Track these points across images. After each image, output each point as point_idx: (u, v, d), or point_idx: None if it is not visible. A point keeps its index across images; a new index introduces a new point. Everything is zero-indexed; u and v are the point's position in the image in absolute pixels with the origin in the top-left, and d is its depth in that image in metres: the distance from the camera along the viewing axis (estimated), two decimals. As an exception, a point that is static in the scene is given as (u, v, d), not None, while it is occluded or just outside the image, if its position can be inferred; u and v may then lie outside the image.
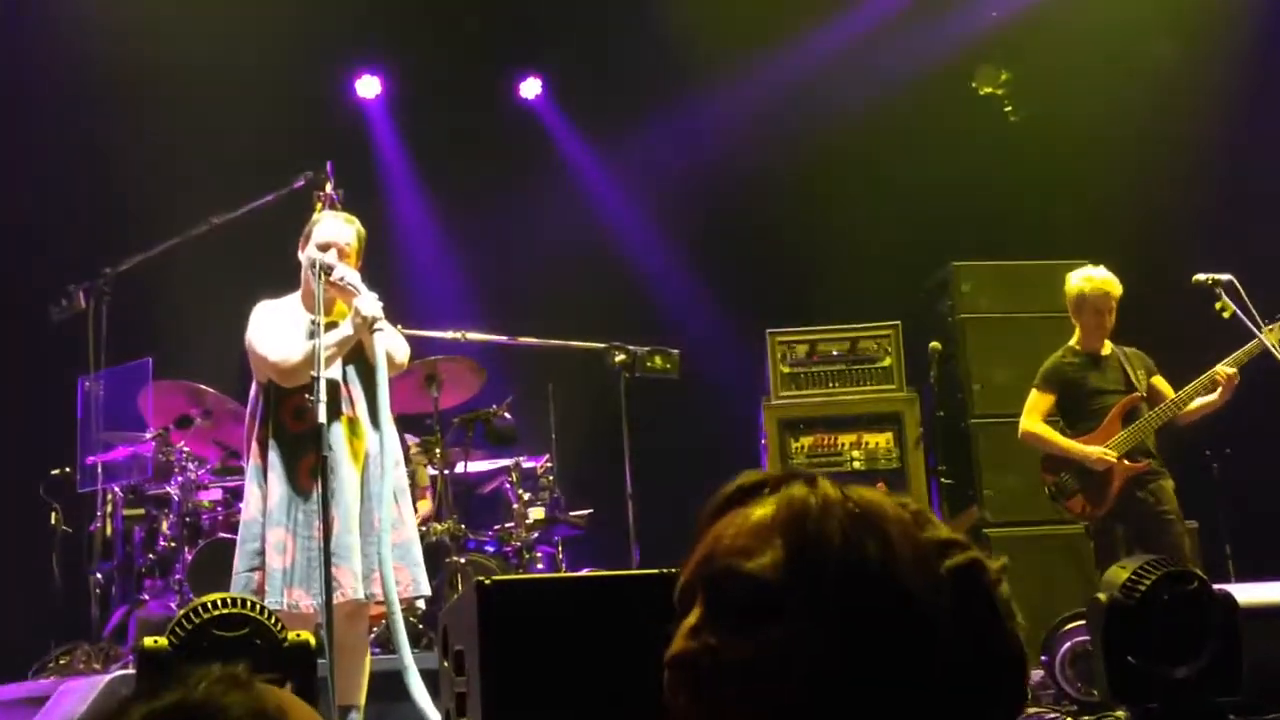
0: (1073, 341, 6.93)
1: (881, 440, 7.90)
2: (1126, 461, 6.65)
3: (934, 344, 7.70)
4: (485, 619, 3.50)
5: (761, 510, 1.36)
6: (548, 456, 8.47)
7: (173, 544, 7.54)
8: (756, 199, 10.18)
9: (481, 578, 3.58)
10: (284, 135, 9.13)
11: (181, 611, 4.08)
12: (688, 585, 1.39)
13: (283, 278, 5.69)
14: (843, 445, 7.94)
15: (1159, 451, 6.77)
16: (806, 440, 7.93)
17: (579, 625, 3.54)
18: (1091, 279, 6.85)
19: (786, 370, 8.03)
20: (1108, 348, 6.88)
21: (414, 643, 6.63)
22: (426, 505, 8.18)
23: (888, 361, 8.01)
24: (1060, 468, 6.79)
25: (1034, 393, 6.92)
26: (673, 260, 10.39)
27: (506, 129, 10.57)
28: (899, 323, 8.11)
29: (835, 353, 8.06)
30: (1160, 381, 6.86)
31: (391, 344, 5.34)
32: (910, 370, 7.99)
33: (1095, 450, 6.67)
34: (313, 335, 5.17)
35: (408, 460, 7.18)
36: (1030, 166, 9.87)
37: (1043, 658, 5.69)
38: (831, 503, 1.35)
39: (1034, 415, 6.87)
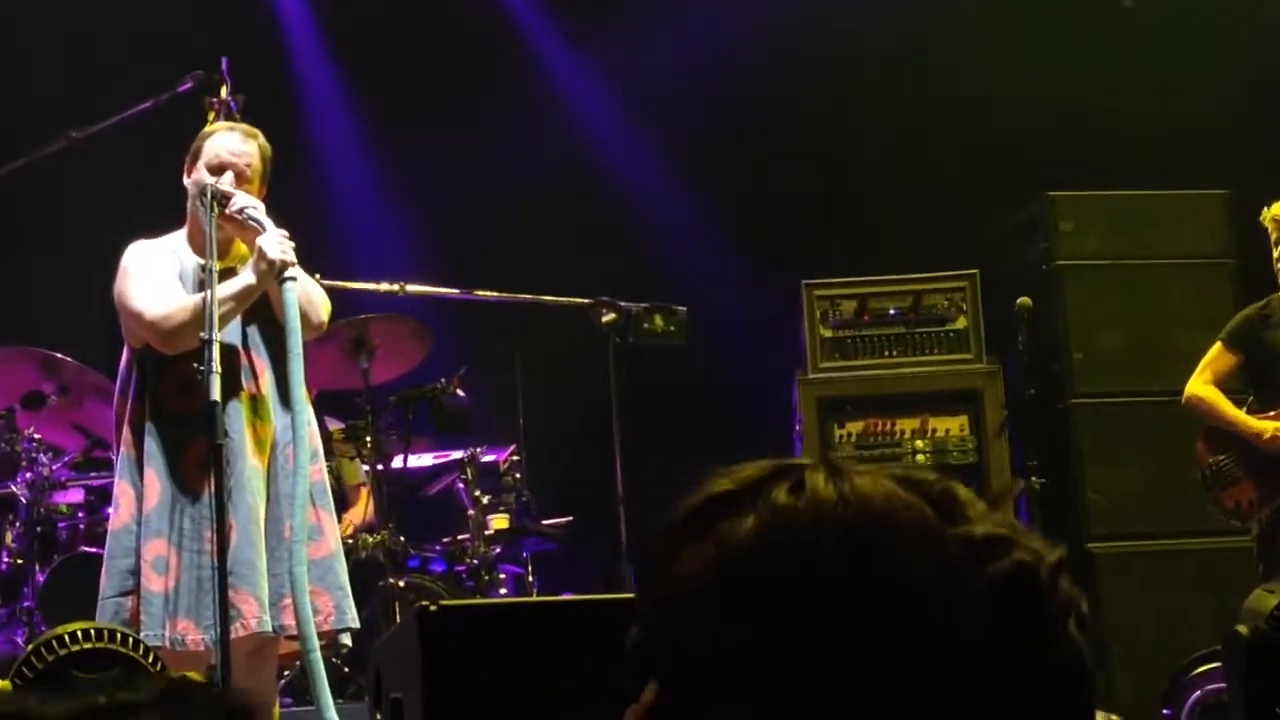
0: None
1: (953, 426, 7.89)
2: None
3: (1022, 300, 7.67)
4: (430, 657, 3.49)
5: (737, 531, 1.32)
6: (514, 448, 8.46)
7: (19, 561, 7.52)
8: (786, 113, 10.14)
9: (426, 603, 3.56)
10: (164, 22, 9.09)
11: (31, 647, 4.08)
12: (641, 646, 1.34)
13: (163, 210, 5.66)
14: (902, 433, 7.93)
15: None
16: (855, 426, 7.91)
17: (552, 664, 3.53)
18: None
19: (828, 334, 8.01)
20: None
21: (337, 690, 6.61)
22: (355, 511, 8.16)
23: (961, 323, 7.99)
24: (1225, 446, 6.81)
25: (1215, 347, 6.96)
26: (678, 192, 10.36)
27: (461, 19, 10.52)
28: (976, 272, 8.09)
29: (893, 311, 8.04)
30: None
31: (307, 298, 5.32)
32: (991, 334, 7.98)
33: (1271, 425, 6.69)
34: (203, 286, 5.15)
35: (329, 452, 7.16)
36: (1146, 69, 9.82)
37: (1165, 710, 5.70)
38: (825, 510, 1.30)
39: (1205, 375, 6.90)
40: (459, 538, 8.10)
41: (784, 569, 1.28)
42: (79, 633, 4.02)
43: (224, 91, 6.33)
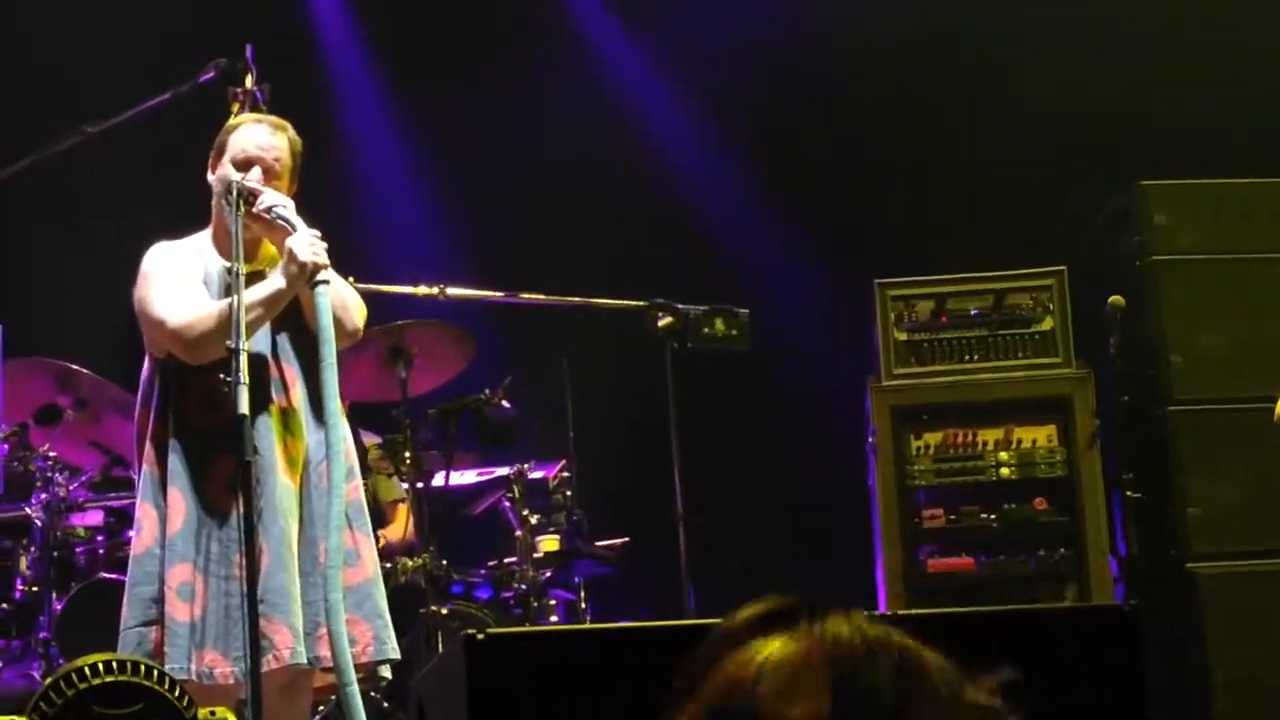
0: None
1: (1041, 436, 7.87)
2: None
3: (1114, 298, 7.65)
4: (476, 689, 3.50)
5: (792, 646, 1.52)
6: (564, 463, 8.46)
7: (34, 589, 7.56)
8: (857, 100, 10.11)
9: (471, 631, 3.57)
10: (183, 6, 9.14)
11: (48, 682, 4.11)
12: None
13: (185, 209, 5.69)
14: (985, 444, 7.91)
15: None
16: (933, 437, 7.90)
17: (607, 696, 3.53)
18: None
19: (904, 337, 8.00)
20: None
21: (376, 727, 6.63)
22: (393, 529, 8.18)
23: (1048, 324, 7.97)
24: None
25: None
26: (739, 186, 10.35)
27: (507, 1, 10.55)
28: (1063, 268, 8.06)
29: (974, 311, 8.02)
30: None
31: (341, 303, 5.34)
32: (1081, 336, 7.95)
33: None
34: (229, 291, 5.17)
35: (365, 469, 7.18)
36: (1245, 47, 9.76)
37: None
38: (878, 647, 1.51)
39: None
40: (505, 561, 8.11)
41: (843, 677, 1.49)
42: (99, 665, 4.05)
43: (249, 81, 6.35)
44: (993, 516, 7.86)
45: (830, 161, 10.01)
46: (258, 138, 5.49)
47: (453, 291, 7.43)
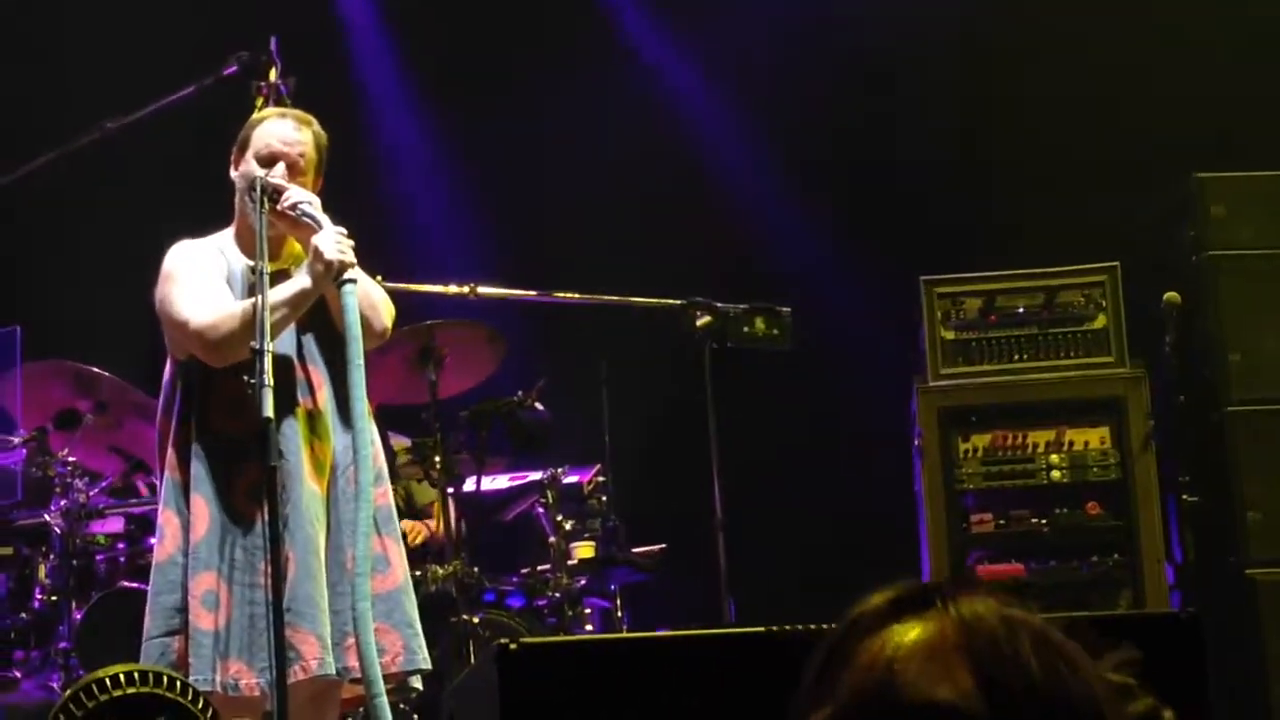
0: None
1: (1093, 439, 7.85)
2: None
3: (1170, 295, 7.62)
4: (509, 700, 3.49)
5: (928, 629, 1.53)
6: (599, 467, 8.47)
7: (54, 598, 7.58)
8: (902, 90, 10.11)
9: (504, 641, 3.57)
10: (207, 1, 9.16)
11: (68, 693, 4.11)
12: None
13: (208, 207, 5.70)
14: (1035, 447, 7.89)
15: None
16: (981, 440, 7.88)
17: (644, 707, 3.53)
18: None
19: (951, 336, 7.98)
20: None
21: (406, 740, 6.64)
22: (423, 538, 8.18)
23: (1101, 321, 7.95)
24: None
25: None
26: (779, 180, 10.35)
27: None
28: (1116, 264, 8.04)
29: (1023, 309, 8.00)
30: None
31: (369, 302, 5.34)
32: (1135, 335, 7.93)
33: None
34: (253, 290, 5.18)
35: (394, 474, 7.19)
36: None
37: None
38: (1017, 624, 1.52)
39: None
40: (539, 568, 8.11)
41: (986, 657, 1.49)
42: (121, 676, 4.05)
43: (273, 74, 6.37)
44: (1044, 521, 7.83)
45: (875, 156, 10.00)
46: (282, 132, 5.50)
47: (484, 290, 7.43)
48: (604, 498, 8.32)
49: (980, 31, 9.87)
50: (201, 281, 5.42)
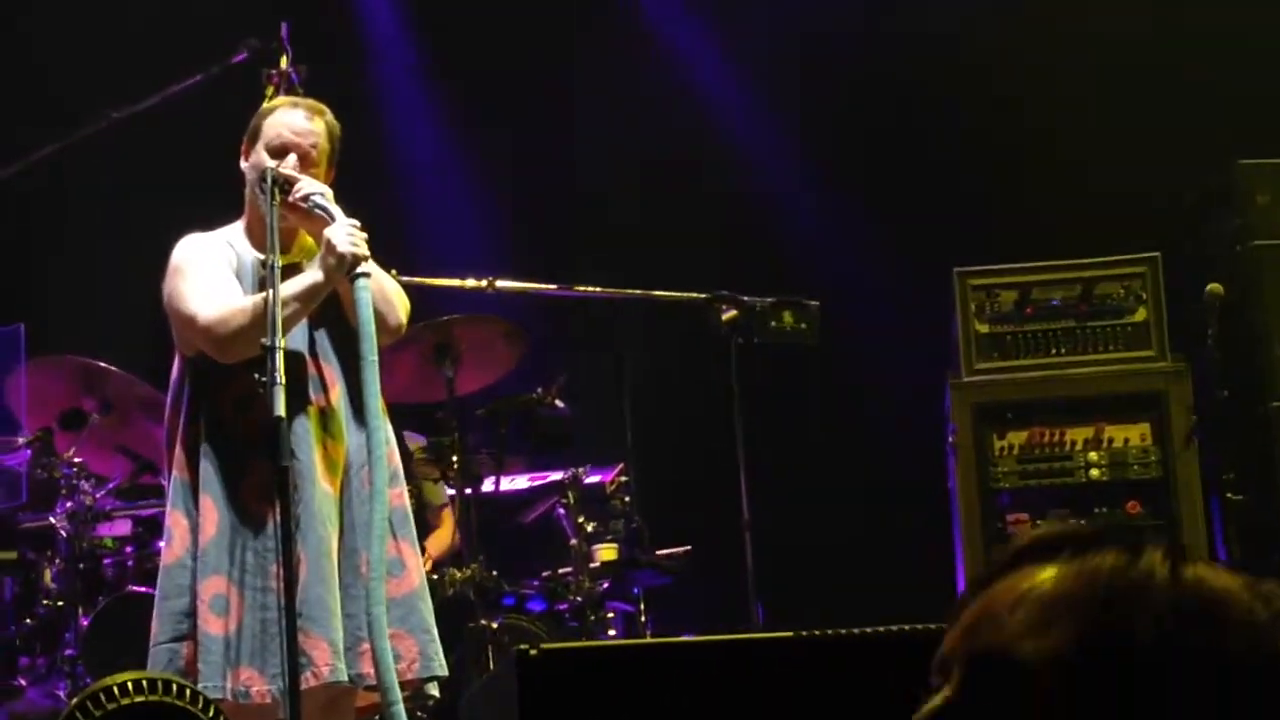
0: None
1: (1133, 435, 7.83)
2: None
3: (1212, 286, 7.61)
4: (530, 707, 3.49)
5: (1053, 576, 1.52)
6: (621, 467, 8.47)
7: (59, 603, 7.60)
8: (932, 75, 10.09)
9: (525, 646, 3.57)
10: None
11: (74, 702, 4.12)
12: (946, 657, 1.55)
13: (217, 198, 5.70)
14: (1073, 444, 7.88)
15: None
16: (1017, 437, 7.87)
17: (668, 714, 3.53)
18: None
19: (985, 329, 7.97)
20: None
21: (423, 749, 6.65)
22: (439, 537, 8.19)
23: (1141, 314, 7.93)
24: None
25: None
26: (810, 170, 10.34)
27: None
28: (1157, 255, 8.02)
29: (1060, 301, 7.99)
30: None
31: (383, 296, 5.34)
32: (1176, 328, 7.91)
33: None
34: (264, 284, 5.18)
35: (410, 474, 7.19)
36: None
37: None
38: (1152, 581, 1.48)
39: None
40: (560, 571, 8.11)
41: (1091, 613, 1.48)
42: (129, 684, 4.06)
43: (284, 62, 6.38)
44: (1082, 521, 7.81)
45: (905, 144, 9.99)
46: (293, 122, 5.50)
47: (502, 284, 7.43)
48: (627, 498, 8.31)
49: (1015, 18, 9.86)
50: (211, 276, 5.42)
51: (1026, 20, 9.86)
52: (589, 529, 8.10)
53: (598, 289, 7.68)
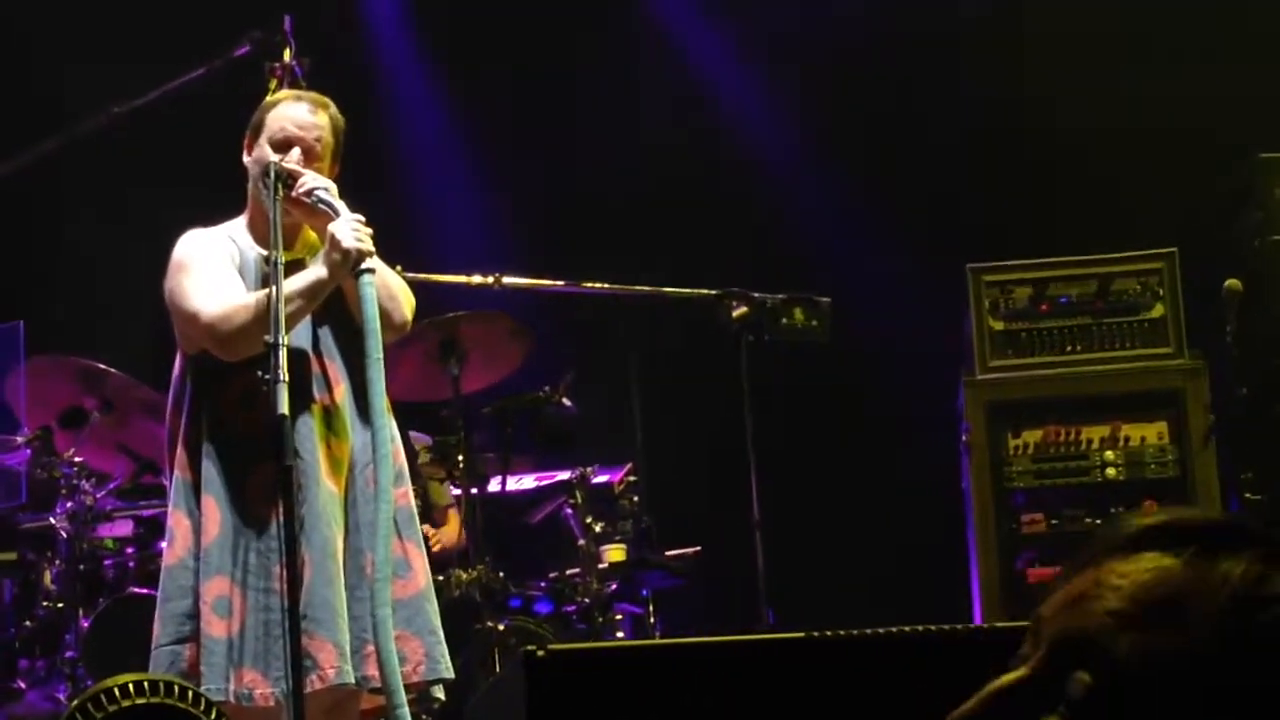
0: None
1: (1150, 434, 7.83)
2: None
3: (1231, 282, 7.61)
4: (537, 710, 3.49)
5: (1175, 570, 1.46)
6: (630, 466, 8.46)
7: (60, 605, 7.61)
8: (945, 67, 10.09)
9: (531, 648, 3.57)
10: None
11: (74, 703, 4.12)
12: (1037, 629, 1.52)
13: (219, 194, 5.71)
14: (1089, 443, 7.87)
15: None
16: (1032, 435, 7.87)
17: (679, 717, 3.53)
18: None
19: (999, 326, 7.97)
20: None
21: (429, 752, 6.65)
22: (446, 530, 8.19)
23: (1158, 310, 7.93)
24: None
25: None
26: (820, 165, 10.34)
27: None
28: (1174, 250, 8.02)
29: (1076, 297, 7.98)
30: None
31: (388, 293, 5.34)
32: (1193, 324, 7.91)
33: None
34: (267, 281, 5.18)
35: (415, 473, 7.19)
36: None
37: None
38: (1244, 599, 1.43)
39: None
40: (567, 573, 8.11)
41: (1170, 612, 1.44)
42: (130, 686, 4.06)
43: (287, 55, 6.38)
44: (1098, 521, 7.80)
45: (916, 138, 9.99)
46: (297, 116, 5.49)
47: (509, 280, 7.44)
48: (635, 498, 8.31)
49: (1029, 10, 9.86)
50: (213, 272, 5.41)
51: (1040, 11, 9.86)
52: (597, 529, 8.10)
53: (606, 285, 7.68)
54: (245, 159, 5.50)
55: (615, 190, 9.97)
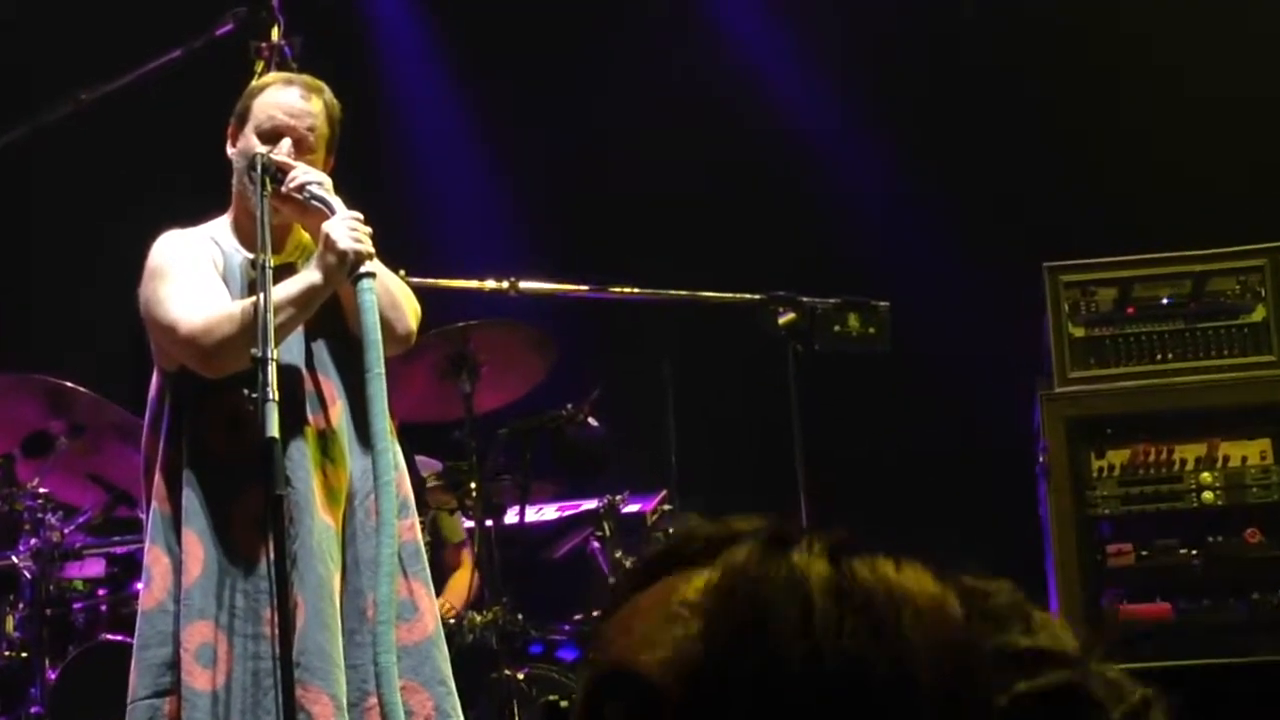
0: None
1: (1251, 453, 7.79)
2: None
3: (1340, 280, 7.61)
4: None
5: (696, 581, 1.48)
6: (664, 494, 8.47)
7: (23, 654, 7.61)
8: (1017, 50, 10.10)
9: (553, 698, 3.56)
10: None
11: (39, 766, 4.13)
12: (578, 687, 1.54)
13: (200, 190, 5.71)
14: (1183, 463, 7.84)
15: None
16: (1118, 455, 7.83)
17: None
18: None
19: (1080, 333, 7.95)
20: None
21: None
22: (457, 584, 8.18)
23: (1259, 314, 7.90)
24: None
25: None
26: (878, 156, 10.35)
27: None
28: (1277, 245, 8.00)
29: (1167, 299, 7.96)
30: None
31: (390, 300, 5.34)
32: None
33: None
34: (254, 288, 5.18)
35: (422, 504, 7.19)
36: None
37: None
38: (797, 574, 1.45)
39: None
40: (594, 614, 8.11)
41: (719, 615, 1.44)
42: (102, 746, 4.07)
43: (275, 34, 6.38)
44: (1194, 552, 7.78)
45: (984, 125, 9.99)
46: (287, 102, 5.51)
47: (527, 285, 7.43)
48: (670, 529, 8.30)
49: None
50: (193, 278, 5.43)
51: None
52: (627, 565, 8.09)
53: (636, 290, 7.67)
54: (229, 151, 5.52)
55: (646, 184, 9.98)
